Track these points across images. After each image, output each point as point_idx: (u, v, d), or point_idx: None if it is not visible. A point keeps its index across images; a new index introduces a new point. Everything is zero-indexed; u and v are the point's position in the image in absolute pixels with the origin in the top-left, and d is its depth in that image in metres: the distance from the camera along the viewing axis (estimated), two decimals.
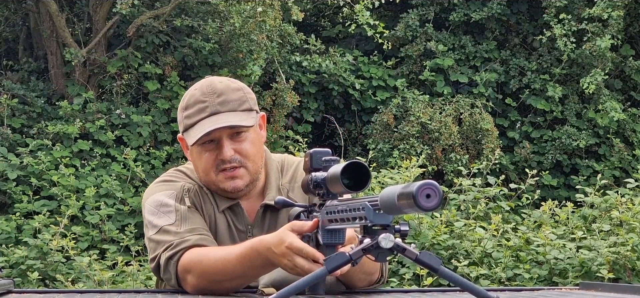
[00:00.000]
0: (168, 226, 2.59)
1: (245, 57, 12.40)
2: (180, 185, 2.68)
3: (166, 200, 2.64)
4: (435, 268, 2.02)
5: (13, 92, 12.13)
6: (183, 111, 2.66)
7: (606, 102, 13.26)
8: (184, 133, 2.66)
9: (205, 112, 2.60)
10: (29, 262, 7.98)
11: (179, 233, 2.57)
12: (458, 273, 3.80)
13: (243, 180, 2.64)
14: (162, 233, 2.59)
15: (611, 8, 13.03)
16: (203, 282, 2.50)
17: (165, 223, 2.59)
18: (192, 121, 2.62)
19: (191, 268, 2.50)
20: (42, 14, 12.50)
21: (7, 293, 2.62)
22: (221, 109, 2.61)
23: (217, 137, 2.60)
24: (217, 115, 2.60)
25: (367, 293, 2.59)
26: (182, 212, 2.61)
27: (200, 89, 2.65)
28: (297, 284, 2.00)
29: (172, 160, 11.93)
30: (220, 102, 2.61)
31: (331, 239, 2.24)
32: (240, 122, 2.61)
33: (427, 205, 1.76)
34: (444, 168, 12.73)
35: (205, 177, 2.66)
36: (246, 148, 2.63)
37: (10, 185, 10.83)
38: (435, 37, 13.91)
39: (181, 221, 2.59)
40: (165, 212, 2.61)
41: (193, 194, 2.67)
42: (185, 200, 2.64)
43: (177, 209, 2.61)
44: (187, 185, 2.69)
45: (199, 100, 2.62)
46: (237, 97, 2.64)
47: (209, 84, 2.65)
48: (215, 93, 2.62)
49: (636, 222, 7.11)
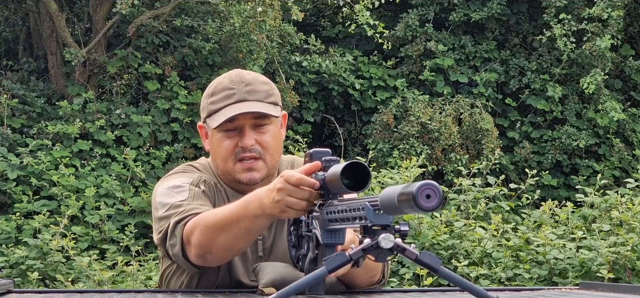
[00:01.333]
0: (180, 201, 2.57)
1: (245, 57, 12.40)
2: (198, 175, 2.69)
3: (180, 183, 2.63)
4: (435, 268, 2.02)
5: (13, 92, 12.13)
6: (209, 97, 2.67)
7: (606, 102, 13.26)
8: (207, 118, 2.67)
9: (232, 98, 2.63)
10: (29, 262, 7.98)
11: (189, 205, 2.55)
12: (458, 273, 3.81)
13: (260, 172, 2.65)
14: (172, 209, 2.56)
15: (611, 8, 13.03)
16: (203, 239, 2.45)
17: (178, 200, 2.57)
18: (217, 106, 2.64)
19: (194, 227, 2.47)
20: (42, 14, 12.50)
21: (7, 293, 2.62)
22: (248, 97, 2.63)
23: (241, 124, 2.62)
24: (244, 102, 2.62)
25: (367, 293, 2.59)
26: (195, 192, 2.60)
27: (228, 77, 2.68)
28: (297, 284, 2.00)
29: (172, 160, 11.92)
30: (247, 91, 2.64)
31: (331, 239, 2.24)
32: (266, 110, 2.63)
33: (427, 205, 1.76)
34: (444, 168, 12.73)
35: (223, 165, 2.66)
36: (267, 140, 2.65)
37: (10, 185, 10.83)
38: (435, 37, 13.91)
39: (193, 198, 2.58)
40: (178, 192, 2.60)
41: (210, 185, 2.67)
42: (201, 185, 2.64)
43: (190, 189, 2.60)
44: (205, 176, 2.69)
45: (226, 88, 2.65)
46: (265, 89, 2.66)
47: (238, 74, 2.68)
48: (244, 82, 2.65)
49: (636, 222, 7.11)
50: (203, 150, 12.13)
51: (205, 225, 2.45)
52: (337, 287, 2.60)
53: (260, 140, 2.64)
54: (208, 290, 2.61)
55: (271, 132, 2.66)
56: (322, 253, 2.24)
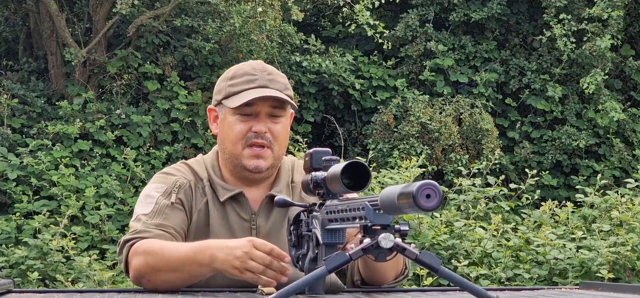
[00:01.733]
0: (142, 214, 2.65)
1: (245, 57, 12.40)
2: (174, 180, 2.72)
3: (153, 192, 2.70)
4: (435, 268, 2.02)
5: (13, 92, 12.13)
6: (228, 80, 2.72)
7: (606, 102, 13.26)
8: (224, 100, 2.71)
9: (254, 83, 2.68)
10: (29, 262, 7.98)
11: (146, 223, 2.62)
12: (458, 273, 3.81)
13: (266, 161, 2.69)
14: (135, 221, 2.66)
15: (611, 8, 13.03)
16: (144, 267, 2.53)
17: (142, 212, 2.66)
18: (237, 89, 2.69)
19: (138, 252, 2.56)
20: (42, 14, 12.50)
21: (7, 293, 2.62)
22: (269, 85, 2.68)
23: (258, 110, 2.67)
24: (265, 88, 2.67)
25: (367, 293, 2.59)
26: (160, 206, 2.66)
27: (249, 64, 2.74)
28: (297, 284, 2.00)
29: (172, 160, 11.93)
30: (269, 79, 2.70)
31: (331, 239, 2.24)
32: (285, 98, 2.69)
33: (427, 205, 1.76)
34: (444, 168, 12.73)
35: (232, 147, 2.70)
36: (278, 130, 2.69)
37: (10, 185, 10.83)
38: (435, 37, 13.91)
39: (155, 214, 2.65)
40: (147, 203, 2.68)
41: (185, 190, 2.70)
42: (172, 195, 2.68)
43: (157, 202, 2.66)
44: (182, 180, 2.72)
45: (248, 73, 2.70)
46: (283, 82, 2.73)
47: (260, 63, 2.75)
48: (266, 71, 2.71)
49: (636, 222, 7.11)
50: (203, 150, 12.13)
51: (150, 255, 2.53)
52: (337, 286, 2.60)
53: (273, 129, 2.69)
54: (208, 289, 2.61)
55: (283, 124, 2.71)
56: (322, 253, 2.25)
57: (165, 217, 2.64)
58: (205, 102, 12.37)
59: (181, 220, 2.67)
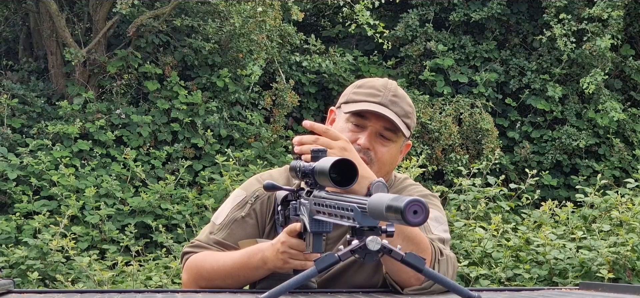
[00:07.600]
0: (214, 221, 2.73)
1: (245, 57, 12.40)
2: (255, 189, 2.75)
3: (233, 198, 2.76)
4: (419, 268, 2.11)
5: (13, 92, 12.13)
6: (355, 88, 2.75)
7: (606, 102, 13.26)
8: (343, 104, 2.74)
9: (376, 98, 2.68)
10: (29, 262, 7.99)
11: (208, 237, 2.70)
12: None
13: None
14: (208, 225, 2.75)
15: (611, 8, 13.03)
16: (197, 278, 2.65)
17: (216, 218, 2.74)
18: (358, 97, 2.70)
19: (190, 266, 2.67)
20: (42, 14, 12.50)
21: (7, 293, 2.62)
22: (389, 106, 2.67)
23: (370, 125, 2.68)
24: (384, 107, 2.66)
25: (366, 293, 2.60)
26: (230, 219, 2.71)
27: (381, 81, 2.74)
28: (289, 283, 2.07)
29: (172, 160, 11.93)
30: (391, 101, 2.68)
31: (319, 228, 2.29)
32: (398, 123, 2.66)
33: (414, 220, 1.83)
34: (444, 168, 12.73)
35: None
36: (383, 152, 2.68)
37: (10, 185, 10.83)
38: (435, 37, 13.91)
39: (222, 228, 2.70)
40: (226, 209, 2.74)
41: (262, 201, 2.72)
42: (246, 206, 2.71)
43: (229, 214, 2.72)
44: (262, 190, 2.72)
45: (374, 88, 2.70)
46: (406, 109, 2.71)
47: (392, 83, 2.74)
48: (392, 92, 2.70)
49: (636, 222, 7.11)
50: (203, 150, 12.15)
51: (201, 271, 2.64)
52: (333, 285, 2.67)
53: (378, 150, 2.68)
54: (209, 289, 2.64)
55: (390, 149, 2.69)
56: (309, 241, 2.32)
57: (230, 232, 2.69)
58: (205, 102, 12.38)
59: (247, 234, 2.69)
